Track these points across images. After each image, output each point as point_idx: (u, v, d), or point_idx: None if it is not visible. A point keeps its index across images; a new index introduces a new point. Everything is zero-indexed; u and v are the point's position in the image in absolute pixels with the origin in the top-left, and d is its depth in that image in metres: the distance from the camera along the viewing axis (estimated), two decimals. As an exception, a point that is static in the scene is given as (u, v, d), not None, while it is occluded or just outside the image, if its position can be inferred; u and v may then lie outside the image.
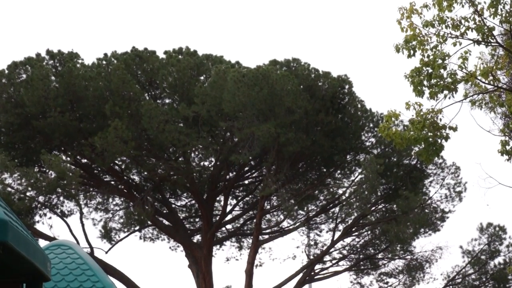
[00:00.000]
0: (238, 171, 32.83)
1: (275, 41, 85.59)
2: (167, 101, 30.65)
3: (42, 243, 23.70)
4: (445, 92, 13.45)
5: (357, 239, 34.28)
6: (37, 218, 30.53)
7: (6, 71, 28.93)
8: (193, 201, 34.18)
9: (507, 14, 13.35)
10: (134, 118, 28.50)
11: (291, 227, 34.18)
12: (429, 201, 32.32)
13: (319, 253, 34.19)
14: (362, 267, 35.02)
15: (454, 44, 13.47)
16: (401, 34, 13.63)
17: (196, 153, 31.77)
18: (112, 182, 32.93)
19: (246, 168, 32.91)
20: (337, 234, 33.22)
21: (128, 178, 33.21)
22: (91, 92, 28.60)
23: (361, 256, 34.59)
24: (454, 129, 13.73)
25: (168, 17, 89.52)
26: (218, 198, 33.71)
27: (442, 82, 13.40)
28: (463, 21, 13.33)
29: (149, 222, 33.01)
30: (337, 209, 33.56)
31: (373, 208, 32.03)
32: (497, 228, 34.36)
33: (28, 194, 28.79)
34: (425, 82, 13.43)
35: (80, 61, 29.73)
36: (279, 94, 28.02)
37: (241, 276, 31.87)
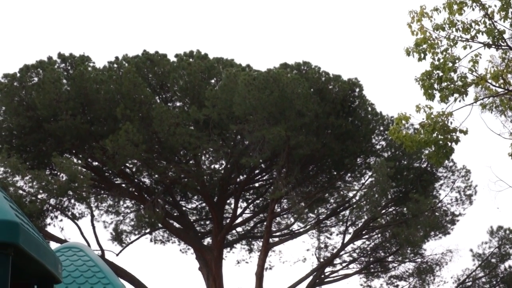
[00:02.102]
0: (249, 174, 32.85)
1: (285, 44, 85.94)
2: (178, 104, 30.64)
3: (53, 245, 23.81)
4: (456, 95, 13.42)
5: (367, 242, 34.24)
6: (48, 220, 30.57)
7: (18, 74, 28.98)
8: (204, 204, 34.21)
9: None
10: (145, 121, 28.54)
11: (301, 230, 34.17)
12: (439, 204, 32.30)
13: (329, 256, 34.17)
14: (372, 270, 35.04)
15: (465, 48, 13.44)
16: (411, 38, 13.61)
17: (207, 156, 31.71)
18: (123, 185, 33.03)
19: (257, 171, 32.94)
20: (348, 237, 33.27)
21: (139, 181, 33.28)
22: (102, 95, 28.63)
23: (371, 259, 34.61)
24: (465, 132, 13.70)
25: (179, 20, 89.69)
26: (228, 201, 33.71)
27: (452, 85, 13.34)
28: (473, 24, 13.29)
29: (159, 225, 33.00)
30: (347, 212, 33.62)
31: (383, 211, 32.02)
32: (507, 231, 34.42)
33: (39, 196, 28.84)
34: (435, 85, 13.40)
35: (91, 64, 29.76)
36: (289, 97, 28.01)
37: (252, 278, 31.95)
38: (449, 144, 13.72)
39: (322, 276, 33.67)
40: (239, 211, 34.05)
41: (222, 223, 33.05)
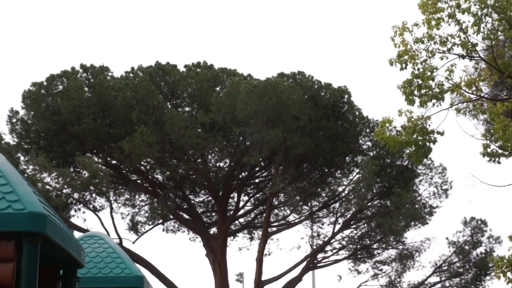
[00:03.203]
0: (250, 171, 32.80)
1: (283, 56, 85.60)
2: (187, 109, 30.46)
3: (77, 234, 23.74)
4: (433, 101, 13.35)
5: (355, 231, 34.10)
6: (72, 212, 30.63)
7: (45, 83, 28.97)
8: (210, 198, 34.06)
9: (489, 32, 13.23)
10: (158, 124, 28.46)
11: (296, 221, 34.02)
12: (419, 198, 32.14)
13: (321, 243, 34.10)
14: (359, 256, 34.93)
15: (442, 58, 13.40)
16: (394, 50, 13.53)
17: (213, 155, 31.54)
18: (139, 181, 32.95)
19: (257, 169, 32.82)
20: (337, 226, 33.18)
21: (153, 177, 33.19)
22: (120, 101, 28.52)
23: (358, 246, 34.49)
24: (441, 133, 13.67)
25: (188, 35, 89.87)
26: (232, 195, 33.61)
27: (430, 92, 13.27)
28: (449, 38, 13.24)
29: (171, 216, 32.96)
30: (337, 204, 33.44)
31: (369, 204, 31.92)
32: (479, 222, 34.30)
33: (64, 191, 28.79)
34: (415, 92, 13.30)
35: (110, 73, 29.71)
36: (286, 103, 27.79)
37: (252, 263, 31.86)
38: (428, 144, 13.64)
39: (315, 261, 33.58)
40: (241, 204, 33.99)
41: (226, 215, 32.91)
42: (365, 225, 33.43)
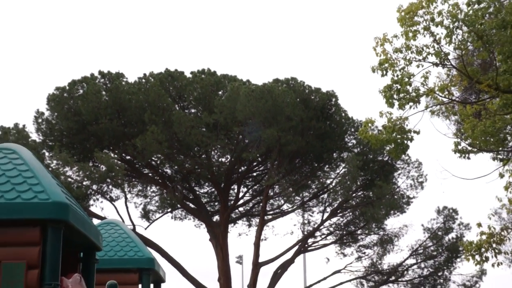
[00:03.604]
0: (248, 166, 32.67)
1: (278, 62, 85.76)
2: (192, 111, 30.47)
3: (95, 221, 23.78)
4: (410, 103, 13.28)
5: (341, 219, 34.09)
6: (91, 202, 30.46)
7: (67, 87, 28.94)
8: (213, 189, 33.98)
9: (459, 43, 13.13)
10: (167, 124, 28.38)
11: (289, 210, 33.99)
12: (397, 189, 32.11)
13: (311, 229, 34.00)
14: (345, 241, 34.90)
15: (418, 66, 13.31)
16: (376, 58, 13.45)
17: (215, 151, 31.47)
18: (150, 174, 32.83)
19: (255, 163, 32.68)
20: (326, 215, 33.13)
21: (162, 171, 33.12)
22: (133, 104, 28.52)
23: (344, 232, 34.45)
24: (417, 132, 13.63)
25: (194, 44, 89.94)
26: (232, 187, 33.56)
27: (408, 96, 13.20)
28: (424, 48, 13.13)
29: (178, 206, 32.87)
30: (325, 195, 33.40)
31: (354, 194, 31.87)
32: (450, 210, 34.28)
33: (84, 183, 28.75)
34: (395, 96, 13.21)
35: (124, 79, 29.66)
36: (280, 105, 27.81)
37: (251, 247, 31.87)
38: (405, 142, 13.59)
39: (306, 245, 33.56)
40: (240, 194, 33.94)
41: (227, 204, 32.80)
42: (350, 213, 33.37)
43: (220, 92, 29.98)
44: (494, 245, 15.23)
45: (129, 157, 30.75)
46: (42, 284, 5.73)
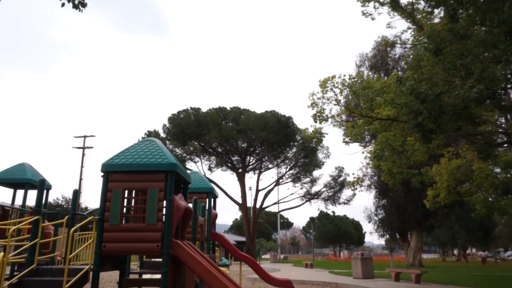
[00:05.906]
0: (254, 148, 41.43)
1: (267, 100, 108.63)
2: (230, 124, 40.56)
3: (188, 171, 17.76)
4: (324, 121, 15.15)
5: (294, 171, 43.12)
6: (186, 163, 38.47)
7: (176, 113, 40.12)
8: (239, 158, 42.80)
9: (345, 96, 15.04)
10: (219, 130, 37.95)
11: (271, 167, 43.92)
12: (318, 158, 42.05)
13: (281, 175, 43.09)
14: (295, 181, 44.14)
15: (327, 105, 15.22)
16: (310, 101, 15.07)
17: (240, 142, 41.54)
18: (210, 151, 40.56)
19: (257, 147, 41.61)
20: (287, 169, 42.63)
21: (217, 151, 41.22)
22: (205, 120, 38.37)
23: (295, 177, 43.56)
24: (327, 134, 15.93)
25: (229, 87, 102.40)
26: (247, 158, 42.50)
27: (323, 118, 15.12)
28: (330, 97, 14.96)
29: (223, 165, 41.75)
30: (287, 161, 42.82)
31: (299, 160, 41.45)
32: (341, 167, 44.65)
33: (184, 155, 36.95)
34: (317, 118, 15.00)
35: (201, 110, 39.73)
36: (268, 121, 38.40)
37: (254, 184, 38.86)
38: (321, 138, 15.69)
39: (279, 182, 43.20)
40: (250, 161, 42.90)
41: (245, 164, 42.18)
42: (298, 168, 42.04)
43: (242, 116, 40.06)
44: (359, 182, 19.22)
45: (202, 143, 39.37)
46: (165, 197, 6.95)
